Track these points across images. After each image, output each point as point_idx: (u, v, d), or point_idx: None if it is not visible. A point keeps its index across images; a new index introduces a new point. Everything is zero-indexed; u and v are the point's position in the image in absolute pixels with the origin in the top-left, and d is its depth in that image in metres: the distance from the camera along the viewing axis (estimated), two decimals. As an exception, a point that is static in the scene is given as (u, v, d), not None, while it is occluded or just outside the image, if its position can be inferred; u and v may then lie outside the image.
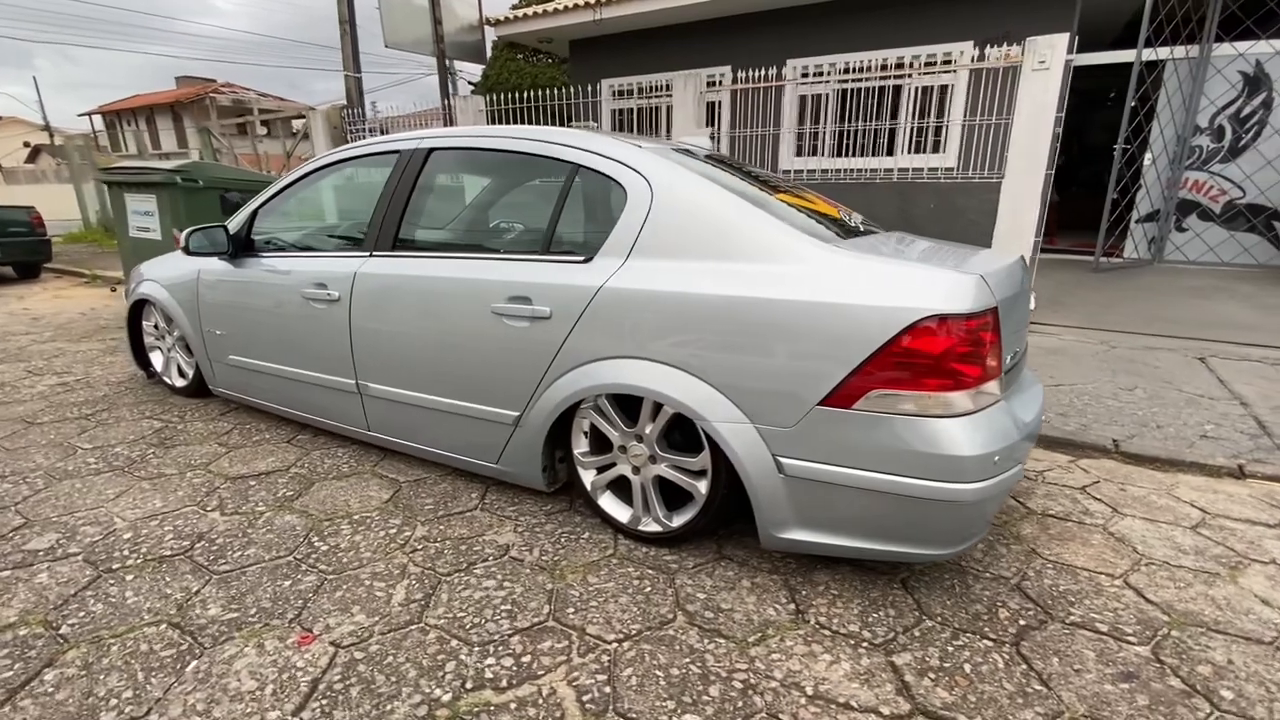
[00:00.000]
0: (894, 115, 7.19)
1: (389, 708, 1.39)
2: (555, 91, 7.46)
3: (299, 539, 2.06)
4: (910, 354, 1.55)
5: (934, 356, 1.54)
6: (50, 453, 2.73)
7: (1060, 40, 4.05)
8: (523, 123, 7.91)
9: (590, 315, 1.92)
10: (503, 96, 7.60)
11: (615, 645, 1.58)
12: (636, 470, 2.00)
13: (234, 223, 2.91)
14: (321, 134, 7.63)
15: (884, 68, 7.48)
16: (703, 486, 1.88)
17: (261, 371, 2.87)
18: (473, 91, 23.14)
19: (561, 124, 7.91)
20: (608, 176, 2.02)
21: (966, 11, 7.28)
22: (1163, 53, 6.04)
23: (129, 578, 1.85)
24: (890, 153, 6.37)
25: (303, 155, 9.48)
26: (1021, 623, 1.68)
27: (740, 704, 1.40)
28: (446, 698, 1.42)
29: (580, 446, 2.12)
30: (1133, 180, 6.81)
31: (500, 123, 8.06)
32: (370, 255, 2.45)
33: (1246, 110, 6.25)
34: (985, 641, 1.61)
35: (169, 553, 1.98)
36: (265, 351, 2.81)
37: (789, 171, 7.79)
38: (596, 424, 2.03)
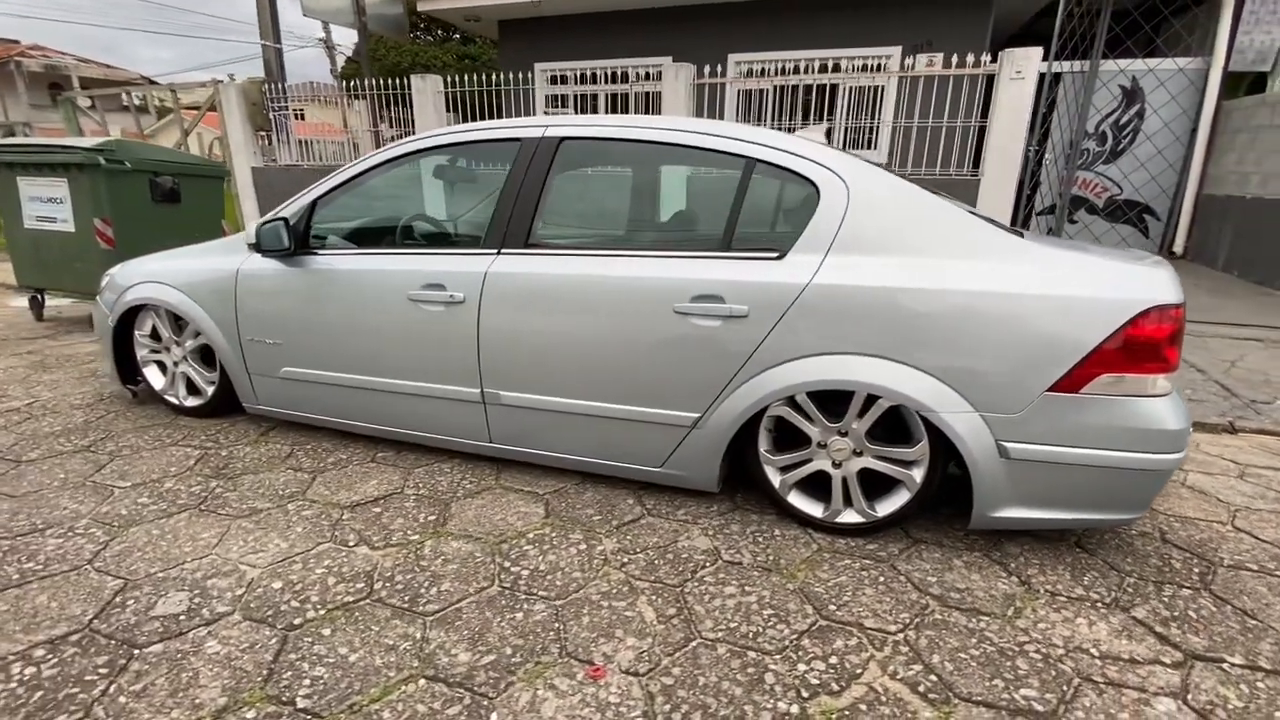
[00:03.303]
0: (830, 113, 7.65)
1: (747, 729, 1.34)
2: (490, 76, 7.09)
3: (488, 567, 1.87)
4: (1135, 341, 1.72)
5: (1155, 342, 1.72)
6: (80, 496, 2.24)
7: (1035, 53, 4.55)
8: (449, 106, 7.44)
9: (796, 312, 1.92)
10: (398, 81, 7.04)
11: (902, 635, 1.62)
12: (837, 464, 2.04)
13: (286, 215, 2.53)
14: (236, 110, 6.67)
15: (822, 69, 7.92)
16: (917, 475, 1.96)
17: (335, 385, 2.53)
18: (340, 72, 21.31)
19: (492, 109, 7.54)
20: (794, 173, 2.01)
21: (894, 20, 7.87)
22: (1061, 66, 6.92)
23: (325, 632, 1.60)
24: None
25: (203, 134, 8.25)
26: (1196, 570, 1.93)
27: (1054, 673, 1.50)
28: (794, 710, 1.38)
29: (764, 444, 2.11)
30: (1031, 178, 7.76)
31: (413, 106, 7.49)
32: (499, 253, 2.25)
33: (1124, 119, 7.36)
34: (1185, 589, 1.84)
35: (350, 599, 1.72)
36: (344, 362, 2.49)
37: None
38: (792, 421, 2.03)
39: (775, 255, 1.98)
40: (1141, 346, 1.72)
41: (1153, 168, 7.32)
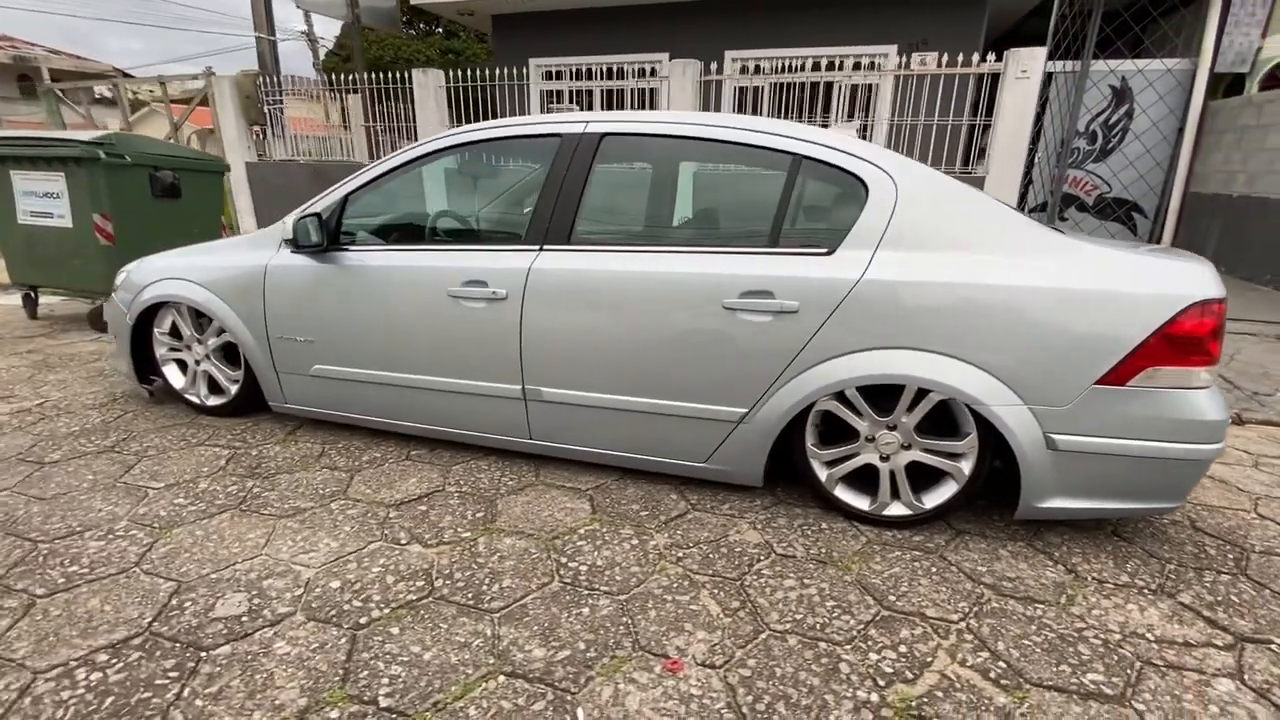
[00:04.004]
0: (826, 111, 7.70)
1: (832, 718, 1.35)
2: (482, 71, 6.99)
3: (545, 563, 1.87)
4: (1180, 335, 1.77)
5: (1199, 336, 1.77)
6: (113, 497, 2.19)
7: (1039, 53, 4.63)
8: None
9: (848, 307, 1.94)
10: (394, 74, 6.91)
11: (964, 624, 1.65)
12: (885, 458, 2.06)
13: (314, 211, 2.49)
14: (230, 103, 6.52)
15: (815, 67, 7.97)
16: (966, 467, 2.00)
17: (370, 383, 2.51)
18: (322, 65, 20.96)
19: (486, 105, 7.46)
20: (842, 170, 2.03)
21: (890, 19, 7.94)
22: (1053, 66, 7.05)
23: (394, 631, 1.58)
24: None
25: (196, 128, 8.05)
26: (1230, 556, 2.00)
27: (1115, 658, 1.55)
28: (874, 698, 1.41)
29: (811, 439, 2.13)
30: (1025, 175, 7.90)
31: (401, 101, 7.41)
32: (541, 249, 2.24)
33: (1114, 118, 7.51)
34: (1223, 575, 1.90)
35: (413, 597, 1.71)
36: (380, 359, 2.46)
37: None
38: (840, 415, 2.06)
39: (824, 251, 2.00)
40: (1186, 340, 1.77)
41: (1141, 166, 7.49)
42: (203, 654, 1.50)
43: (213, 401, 2.89)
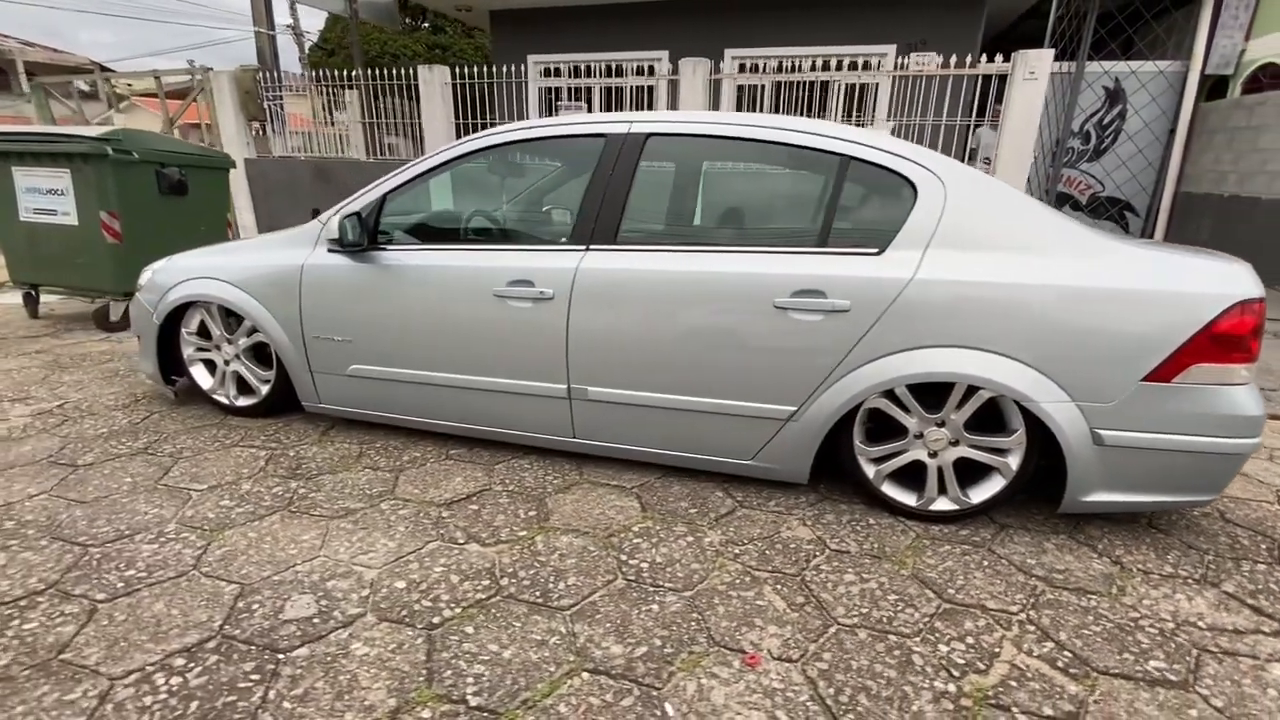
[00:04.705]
0: (824, 109, 7.76)
1: (914, 708, 1.39)
2: (487, 68, 6.96)
3: (606, 561, 1.89)
4: (1224, 333, 1.83)
5: (1242, 335, 1.83)
6: (156, 500, 2.17)
7: (1047, 54, 4.71)
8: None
9: (899, 307, 1.97)
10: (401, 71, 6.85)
11: (1024, 615, 1.70)
12: (933, 454, 2.10)
13: (353, 209, 2.47)
14: (229, 98, 6.40)
15: (814, 66, 8.03)
16: (1013, 463, 2.04)
17: (411, 382, 2.50)
18: (308, 59, 20.65)
19: (483, 101, 7.43)
20: (890, 170, 2.06)
21: (889, 18, 8.02)
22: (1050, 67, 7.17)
23: (469, 630, 1.59)
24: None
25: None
26: (1264, 546, 2.07)
27: (1173, 646, 1.60)
28: (951, 689, 1.45)
29: (859, 436, 2.16)
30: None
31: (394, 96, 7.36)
32: (588, 249, 2.25)
33: (1107, 119, 7.66)
34: (1260, 564, 1.97)
35: (482, 596, 1.72)
36: (422, 359, 2.45)
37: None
38: (889, 412, 2.09)
39: (874, 251, 2.04)
40: (1229, 338, 1.83)
41: (1134, 166, 7.65)
42: (280, 656, 1.50)
43: (242, 402, 2.86)
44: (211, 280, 2.70)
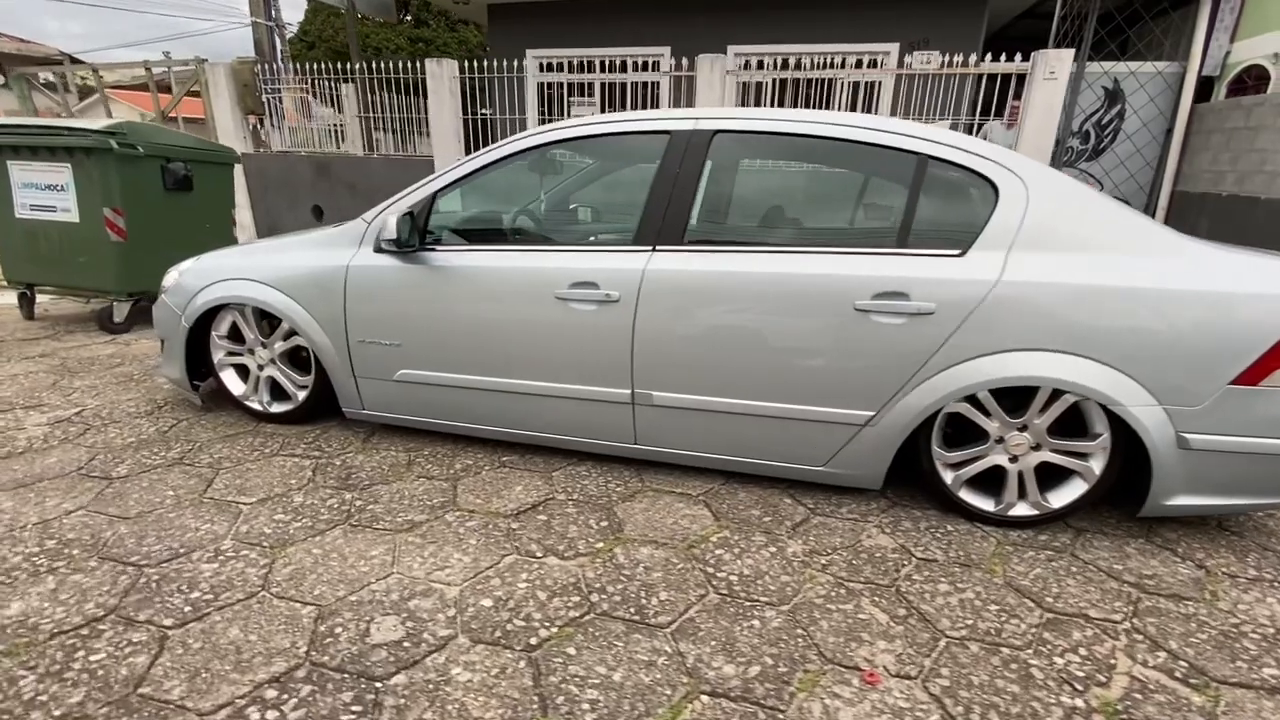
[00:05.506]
0: (826, 108, 7.75)
1: (1048, 726, 1.35)
2: (483, 63, 6.81)
3: (693, 574, 1.82)
4: (1312, 335, 1.82)
5: (1328, 337, 1.83)
6: (204, 514, 2.05)
7: (1067, 54, 4.73)
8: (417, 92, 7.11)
9: (985, 309, 1.93)
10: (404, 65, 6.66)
11: (1129, 624, 1.67)
12: (1013, 459, 2.07)
13: (403, 209, 2.37)
14: (225, 92, 6.17)
15: (814, 65, 8.01)
16: (1096, 467, 2.02)
17: (464, 388, 2.40)
18: (289, 53, 20.17)
19: (477, 94, 7.30)
20: (971, 170, 2.02)
21: (892, 16, 8.04)
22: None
23: (571, 651, 1.52)
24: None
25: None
26: (1335, 547, 2.08)
27: (1283, 652, 1.59)
28: (1079, 704, 1.41)
29: (937, 441, 2.12)
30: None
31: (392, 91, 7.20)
32: (654, 250, 2.17)
33: (1106, 118, 7.77)
34: (1337, 566, 1.97)
35: (575, 614, 1.64)
36: (477, 364, 2.36)
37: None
38: (969, 417, 2.06)
39: (957, 252, 1.99)
40: (1317, 341, 1.82)
41: (1132, 165, 7.76)
42: (379, 685, 1.41)
43: (277, 408, 2.74)
44: (246, 281, 2.58)
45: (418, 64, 6.15)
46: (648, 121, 2.27)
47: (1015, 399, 2.01)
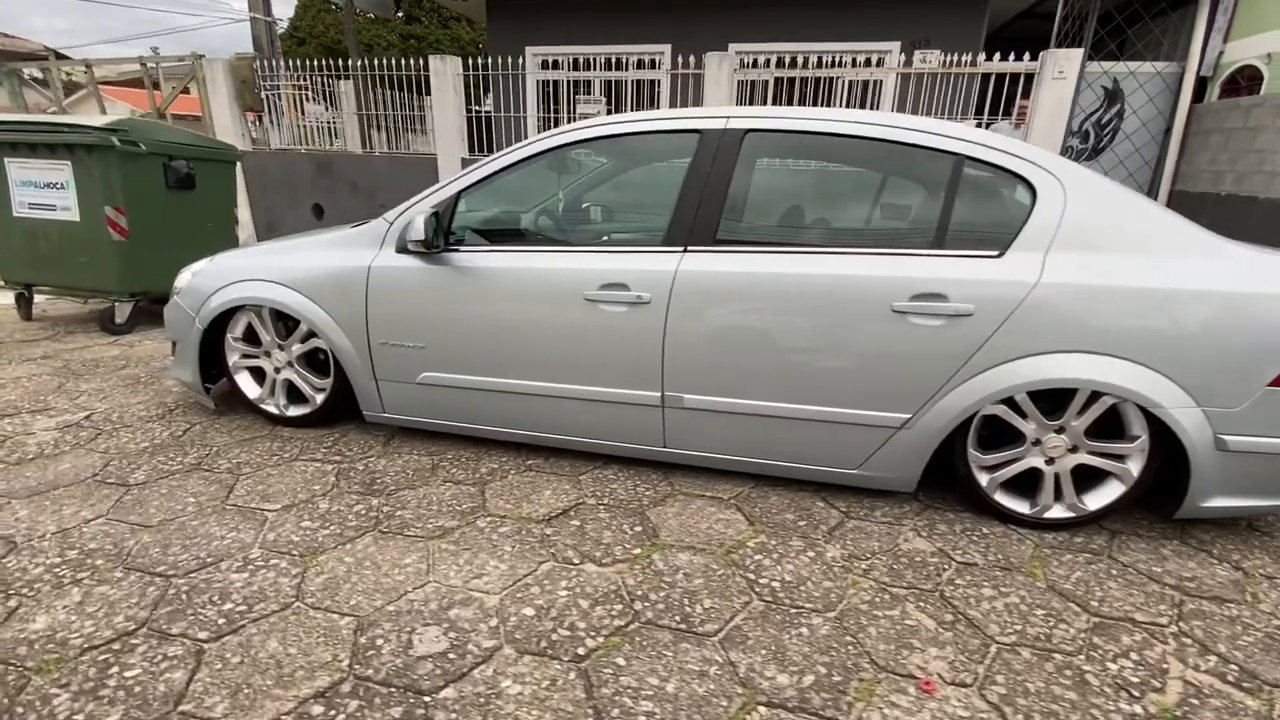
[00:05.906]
0: (829, 103, 7.75)
1: (1111, 733, 1.34)
2: (486, 60, 6.75)
3: (735, 580, 1.80)
4: (1349, 337, 1.82)
5: (1364, 338, 1.83)
6: (229, 522, 2.00)
7: (1076, 54, 4.74)
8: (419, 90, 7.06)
9: (1024, 311, 1.92)
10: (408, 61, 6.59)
11: (1175, 627, 1.67)
12: (1050, 461, 2.06)
13: (427, 209, 2.32)
14: (223, 88, 6.07)
15: (817, 63, 8.00)
16: (1134, 469, 2.01)
17: (490, 390, 2.36)
18: (280, 48, 19.95)
19: (474, 92, 7.26)
20: (1008, 171, 2.01)
21: (893, 16, 8.04)
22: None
23: (620, 662, 1.49)
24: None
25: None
26: (1368, 547, 2.09)
27: (1332, 656, 1.58)
28: (1138, 710, 1.40)
29: (973, 444, 2.11)
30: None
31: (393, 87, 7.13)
32: (685, 251, 2.14)
33: (1105, 118, 7.81)
34: (1373, 567, 1.98)
35: (620, 623, 1.61)
36: (503, 366, 2.32)
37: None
38: (1006, 419, 2.04)
39: (995, 254, 1.98)
40: (1355, 342, 1.82)
41: (1131, 165, 7.81)
42: (427, 699, 1.37)
43: (294, 411, 2.69)
44: (263, 283, 2.52)
45: (419, 61, 6.07)
46: (677, 121, 2.24)
47: (1052, 401, 2.00)
